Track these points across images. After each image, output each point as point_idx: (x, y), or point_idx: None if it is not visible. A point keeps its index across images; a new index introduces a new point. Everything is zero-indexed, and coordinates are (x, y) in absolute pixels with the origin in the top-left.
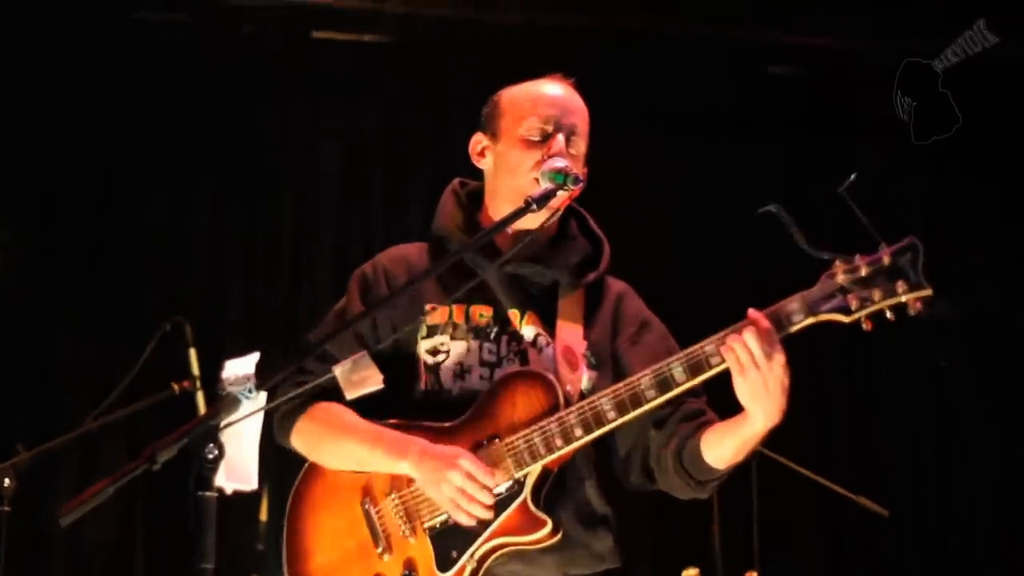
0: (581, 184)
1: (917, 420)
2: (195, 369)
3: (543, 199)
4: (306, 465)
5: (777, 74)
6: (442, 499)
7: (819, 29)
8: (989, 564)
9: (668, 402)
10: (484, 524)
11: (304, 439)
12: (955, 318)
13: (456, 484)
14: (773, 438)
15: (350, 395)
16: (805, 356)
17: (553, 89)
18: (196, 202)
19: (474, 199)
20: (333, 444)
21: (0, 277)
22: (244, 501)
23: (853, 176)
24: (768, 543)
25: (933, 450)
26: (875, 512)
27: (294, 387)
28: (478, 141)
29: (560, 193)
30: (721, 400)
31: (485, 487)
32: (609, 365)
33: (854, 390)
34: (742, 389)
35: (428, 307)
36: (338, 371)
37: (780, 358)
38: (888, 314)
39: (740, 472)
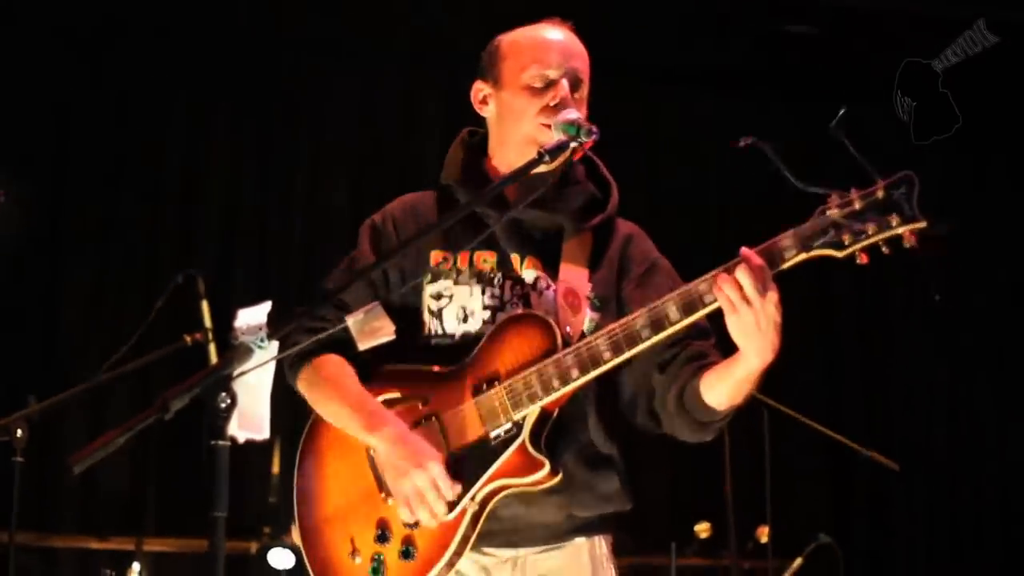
0: (595, 136)
1: (928, 375)
2: (207, 321)
3: (556, 151)
4: (314, 413)
5: (794, 33)
6: (398, 491)
7: None
8: (997, 519)
9: (672, 343)
10: (484, 467)
11: (306, 388)
12: (948, 233)
13: (417, 485)
14: (784, 392)
15: (363, 346)
16: (818, 311)
17: (554, 33)
18: (210, 156)
19: (482, 148)
20: (324, 399)
21: (14, 230)
22: (256, 455)
23: (843, 111)
24: (779, 498)
25: (943, 404)
26: (886, 466)
27: (306, 334)
28: (479, 89)
29: (572, 145)
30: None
31: (442, 500)
32: (613, 307)
33: (866, 345)
34: (734, 327)
35: (433, 254)
36: (351, 322)
37: (772, 295)
38: (884, 248)
39: (751, 427)
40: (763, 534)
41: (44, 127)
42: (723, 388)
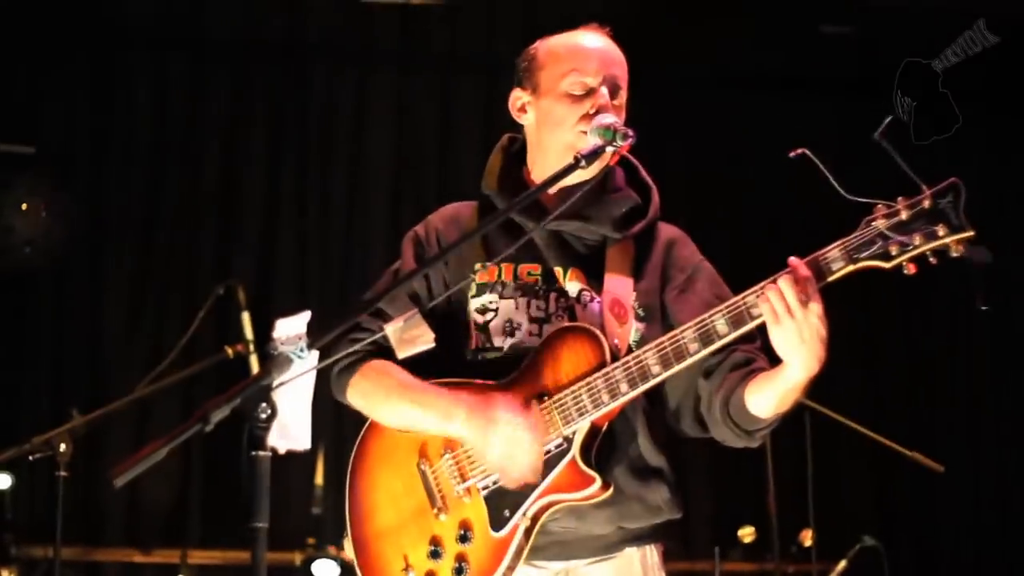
0: (630, 140)
1: (973, 375)
2: (248, 332)
3: (592, 155)
4: (366, 425)
5: (829, 33)
6: (491, 463)
7: None
8: None
9: (717, 350)
10: (535, 483)
11: (359, 397)
12: (989, 261)
13: (498, 455)
14: (827, 395)
15: (401, 354)
16: (859, 312)
17: (592, 40)
18: (249, 167)
19: (521, 156)
20: (385, 404)
21: (55, 242)
22: (300, 466)
23: (888, 119)
24: (823, 501)
25: (989, 405)
26: (930, 468)
27: (349, 344)
28: (518, 97)
29: (608, 149)
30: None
31: (530, 458)
32: (658, 316)
33: (909, 346)
34: (777, 338)
35: (477, 266)
36: (390, 330)
37: (816, 307)
38: (931, 258)
39: (794, 430)
40: (807, 537)
41: (84, 140)
42: (768, 398)
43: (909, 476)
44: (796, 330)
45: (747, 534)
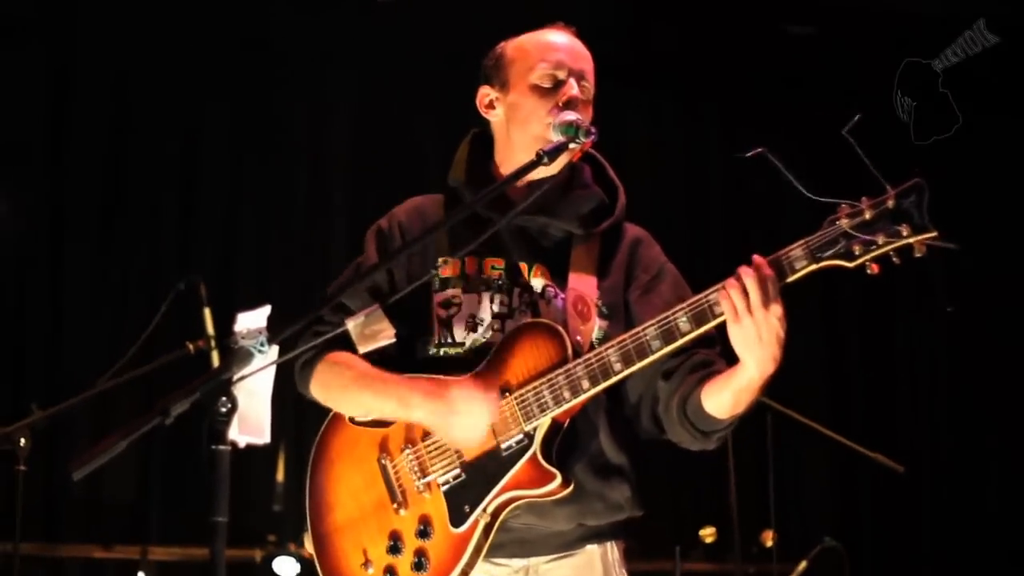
0: (593, 137)
1: (934, 377)
2: (210, 328)
3: (554, 152)
4: (327, 419)
5: (795, 33)
6: (453, 440)
7: None
8: (1003, 522)
9: (677, 352)
10: (496, 478)
11: (321, 388)
12: (952, 253)
13: (457, 433)
14: (789, 395)
15: (363, 349)
16: (822, 314)
17: (559, 37)
18: (211, 161)
19: (487, 151)
20: (345, 393)
21: (13, 237)
22: (261, 463)
23: (857, 117)
24: (784, 502)
25: (949, 407)
26: (891, 469)
27: (312, 338)
28: (485, 94)
29: (572, 146)
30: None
31: (481, 420)
32: (622, 314)
33: (870, 348)
34: (735, 336)
35: (441, 260)
36: (351, 325)
37: (777, 308)
38: (894, 258)
39: (755, 431)
40: (768, 538)
41: (41, 134)
42: (724, 398)
43: (870, 477)
44: (755, 329)
45: (708, 534)
